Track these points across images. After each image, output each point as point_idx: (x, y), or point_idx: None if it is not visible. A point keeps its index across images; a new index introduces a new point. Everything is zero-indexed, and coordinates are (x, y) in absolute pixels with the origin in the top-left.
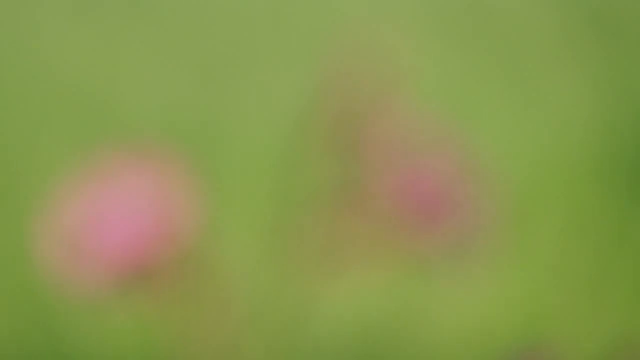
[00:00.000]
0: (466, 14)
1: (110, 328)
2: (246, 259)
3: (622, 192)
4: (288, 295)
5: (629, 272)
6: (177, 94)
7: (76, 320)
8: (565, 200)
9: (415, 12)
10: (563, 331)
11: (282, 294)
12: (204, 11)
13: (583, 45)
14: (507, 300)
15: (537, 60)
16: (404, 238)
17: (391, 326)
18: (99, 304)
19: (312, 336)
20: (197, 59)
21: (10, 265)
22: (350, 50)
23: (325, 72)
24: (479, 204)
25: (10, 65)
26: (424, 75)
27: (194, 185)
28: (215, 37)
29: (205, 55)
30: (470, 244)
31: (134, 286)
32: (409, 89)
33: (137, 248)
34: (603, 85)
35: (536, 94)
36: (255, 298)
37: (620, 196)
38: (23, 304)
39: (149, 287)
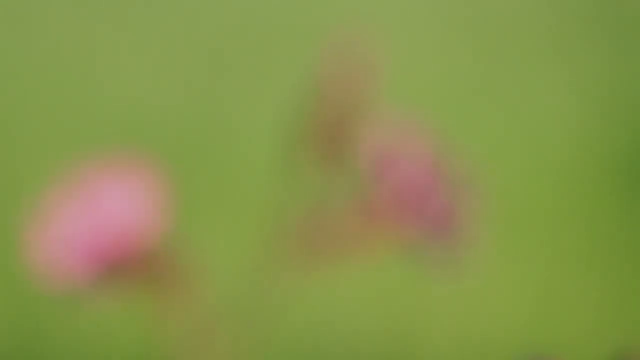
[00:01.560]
0: (458, 15)
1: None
2: (231, 258)
3: (621, 192)
4: (274, 292)
5: (630, 275)
6: (165, 100)
7: (60, 315)
8: (566, 201)
9: (408, 15)
10: (564, 336)
11: (267, 290)
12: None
13: (575, 45)
14: (507, 306)
15: (530, 60)
16: (392, 236)
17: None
18: (83, 300)
19: (296, 332)
20: (186, 67)
21: None
22: (341, 55)
23: (314, 76)
24: (468, 204)
25: None
26: (416, 76)
27: (178, 187)
28: (201, 46)
29: (193, 63)
30: (460, 243)
31: (117, 283)
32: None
33: (120, 246)
34: (595, 85)
35: (530, 94)
36: (238, 296)
37: (619, 196)
38: (8, 299)
39: (131, 285)
